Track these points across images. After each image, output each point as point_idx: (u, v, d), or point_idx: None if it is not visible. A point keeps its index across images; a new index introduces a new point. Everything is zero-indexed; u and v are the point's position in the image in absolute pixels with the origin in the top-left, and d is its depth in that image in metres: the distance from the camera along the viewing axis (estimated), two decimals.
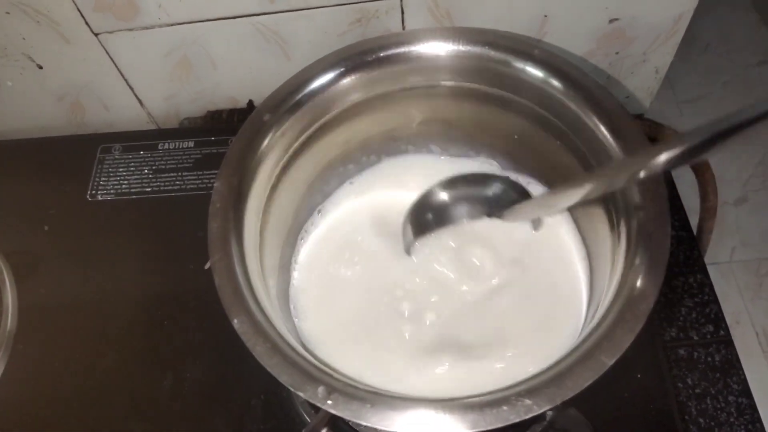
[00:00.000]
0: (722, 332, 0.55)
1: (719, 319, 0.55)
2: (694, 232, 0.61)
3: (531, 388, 0.29)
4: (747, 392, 0.52)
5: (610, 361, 0.29)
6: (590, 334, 0.31)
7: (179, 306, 0.54)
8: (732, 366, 0.53)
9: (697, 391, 0.51)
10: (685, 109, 1.54)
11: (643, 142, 0.36)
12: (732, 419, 0.50)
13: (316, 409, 0.45)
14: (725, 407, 0.51)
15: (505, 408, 0.28)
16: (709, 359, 0.53)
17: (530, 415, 0.28)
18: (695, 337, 0.54)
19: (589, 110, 0.37)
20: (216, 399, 0.50)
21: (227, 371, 0.51)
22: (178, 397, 0.50)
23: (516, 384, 0.30)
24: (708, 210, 0.65)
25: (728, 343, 0.55)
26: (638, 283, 0.31)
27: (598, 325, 0.31)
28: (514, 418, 0.28)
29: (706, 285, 0.58)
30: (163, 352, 0.52)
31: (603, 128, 0.37)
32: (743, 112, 0.26)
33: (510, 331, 0.43)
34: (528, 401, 0.28)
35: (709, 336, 0.54)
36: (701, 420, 0.50)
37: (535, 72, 0.39)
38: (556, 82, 0.39)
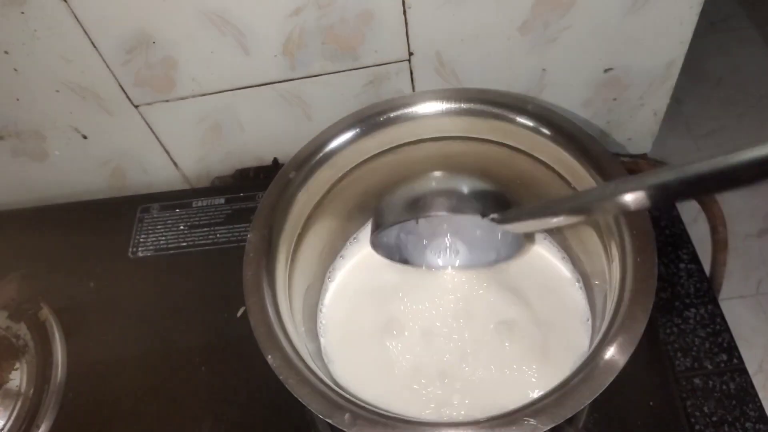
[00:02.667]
0: (735, 360, 0.56)
1: (732, 348, 0.56)
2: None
3: (535, 409, 0.32)
4: (764, 419, 0.52)
5: (607, 382, 0.32)
6: (588, 358, 0.34)
7: (215, 352, 0.56)
8: (747, 393, 0.53)
9: (714, 419, 0.52)
10: (701, 143, 1.55)
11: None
12: None
13: None
14: None
15: (513, 428, 0.31)
16: (724, 387, 0.54)
17: None
18: (709, 366, 0.55)
19: (578, 154, 0.41)
20: None
21: (260, 412, 0.53)
22: None
23: (522, 407, 0.33)
24: (718, 242, 0.66)
25: (742, 371, 0.55)
26: (630, 308, 0.34)
27: (597, 348, 0.34)
28: None
29: (717, 315, 0.59)
30: (201, 398, 0.54)
31: (592, 170, 0.40)
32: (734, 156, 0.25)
33: (517, 363, 0.45)
34: (533, 421, 0.31)
35: (723, 365, 0.55)
36: None
37: (527, 123, 0.44)
38: (546, 130, 0.43)
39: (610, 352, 0.33)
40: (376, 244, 0.49)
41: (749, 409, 0.53)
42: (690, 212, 0.68)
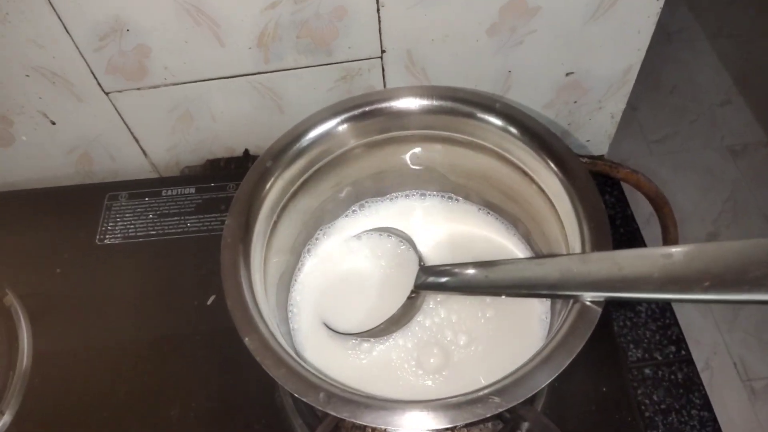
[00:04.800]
0: (683, 352, 0.59)
1: (680, 341, 0.59)
2: None
3: (499, 388, 0.34)
4: (708, 406, 0.56)
5: (566, 362, 0.34)
6: (548, 342, 0.36)
7: (184, 340, 0.57)
8: (693, 383, 0.57)
9: (663, 406, 0.55)
10: (654, 148, 1.60)
11: (586, 176, 0.42)
12: (695, 431, 0.54)
13: (313, 429, 0.49)
14: (689, 420, 0.55)
15: (479, 405, 0.33)
16: (673, 377, 0.57)
17: (500, 410, 0.33)
18: (659, 357, 0.58)
19: (541, 151, 0.43)
20: (220, 425, 0.53)
21: (230, 398, 0.54)
22: (185, 425, 0.53)
23: (486, 386, 0.35)
24: (670, 242, 0.70)
25: (689, 362, 0.59)
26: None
27: (555, 334, 0.36)
28: (487, 413, 0.33)
29: (668, 310, 0.62)
30: (170, 384, 0.55)
31: (553, 166, 0.43)
32: None
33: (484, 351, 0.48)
34: (497, 399, 0.33)
35: (671, 356, 0.58)
36: None
37: (496, 121, 0.46)
38: (513, 129, 0.45)
39: (568, 337, 0.36)
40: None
41: (695, 397, 0.56)
42: (643, 213, 0.72)
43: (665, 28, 1.76)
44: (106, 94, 0.61)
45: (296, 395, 0.35)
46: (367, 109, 0.47)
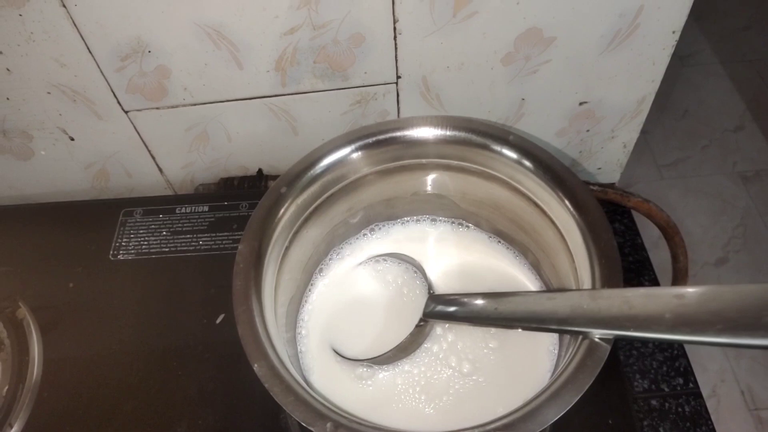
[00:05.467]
0: (691, 384, 0.59)
1: (688, 373, 0.59)
2: None
3: (507, 423, 0.34)
4: None
5: (574, 399, 0.34)
6: (557, 377, 0.36)
7: (193, 357, 0.57)
8: (701, 416, 0.56)
9: None
10: (665, 173, 1.60)
11: (599, 212, 0.43)
12: None
13: None
14: None
15: None
16: (680, 410, 0.57)
17: None
18: (666, 389, 0.58)
19: (554, 186, 0.44)
20: None
21: (236, 418, 0.54)
22: None
23: (494, 420, 0.35)
24: (679, 270, 0.70)
25: (697, 395, 0.58)
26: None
27: (564, 369, 0.36)
28: None
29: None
30: (177, 401, 0.55)
31: (566, 201, 0.43)
32: None
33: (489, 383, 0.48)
34: None
35: (679, 388, 0.58)
36: None
37: (510, 153, 0.46)
38: (527, 162, 0.46)
39: (577, 373, 0.36)
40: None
41: (702, 431, 0.56)
42: (651, 239, 0.72)
43: (678, 52, 1.76)
44: (126, 112, 0.62)
45: (304, 424, 0.35)
46: (381, 137, 0.48)
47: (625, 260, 0.67)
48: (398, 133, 0.48)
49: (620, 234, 0.69)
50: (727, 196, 1.53)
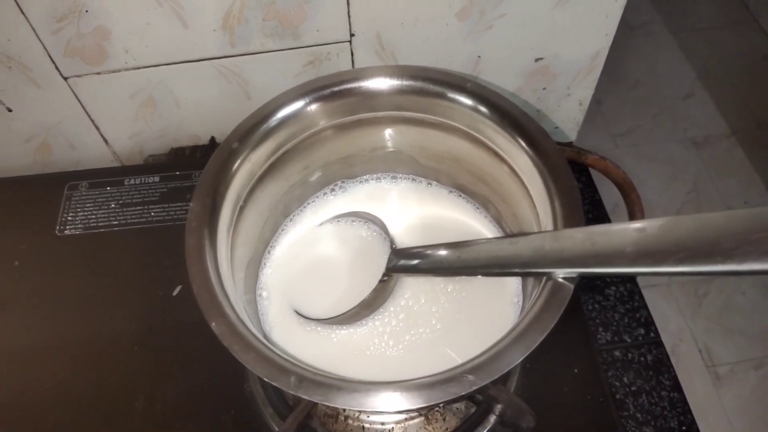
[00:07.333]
0: (652, 334, 0.60)
1: (649, 323, 0.60)
2: None
3: (473, 366, 0.34)
4: (678, 387, 0.56)
5: (539, 338, 0.34)
6: (521, 319, 0.36)
7: (149, 332, 0.56)
8: (663, 364, 0.58)
9: (633, 388, 0.56)
10: (619, 141, 1.63)
11: (558, 154, 0.42)
12: (666, 412, 0.55)
13: (284, 418, 0.48)
14: (659, 402, 0.55)
15: (453, 384, 0.33)
16: (642, 359, 0.58)
17: (474, 388, 0.33)
18: (628, 340, 0.59)
19: (513, 131, 0.43)
20: (187, 417, 0.52)
21: (196, 390, 0.53)
22: (150, 418, 0.51)
23: (460, 365, 0.34)
24: None
25: (658, 344, 0.59)
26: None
27: (528, 310, 0.36)
28: (461, 392, 0.33)
29: (636, 293, 0.63)
30: (135, 377, 0.54)
31: (525, 145, 0.43)
32: None
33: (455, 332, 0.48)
34: (471, 377, 0.33)
35: (640, 338, 0.59)
36: (639, 415, 0.55)
37: (467, 101, 0.45)
38: (484, 109, 0.45)
39: (541, 313, 0.35)
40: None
41: (665, 379, 0.57)
42: (611, 198, 0.73)
43: (628, 22, 1.79)
44: (65, 79, 0.59)
45: (266, 380, 0.34)
46: (335, 89, 0.46)
47: (585, 217, 0.67)
48: (354, 84, 0.46)
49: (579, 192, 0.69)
50: (680, 162, 1.57)
